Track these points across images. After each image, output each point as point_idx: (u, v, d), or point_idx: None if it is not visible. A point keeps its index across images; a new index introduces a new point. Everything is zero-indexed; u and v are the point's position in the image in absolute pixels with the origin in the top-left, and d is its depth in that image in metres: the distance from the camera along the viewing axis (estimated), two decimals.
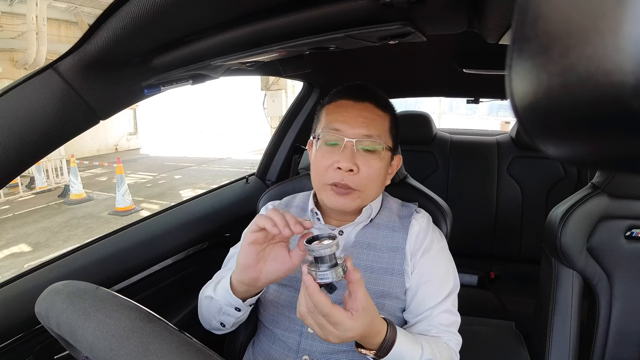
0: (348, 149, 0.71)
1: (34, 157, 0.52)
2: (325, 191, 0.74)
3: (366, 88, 0.78)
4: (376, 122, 0.74)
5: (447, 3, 0.45)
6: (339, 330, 0.54)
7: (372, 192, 0.75)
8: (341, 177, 0.71)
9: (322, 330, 0.55)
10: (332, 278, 0.53)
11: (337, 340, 0.55)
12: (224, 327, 0.74)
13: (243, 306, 0.69)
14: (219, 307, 0.70)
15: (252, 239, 0.60)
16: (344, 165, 0.70)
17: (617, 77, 0.10)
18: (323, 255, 0.53)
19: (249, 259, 0.61)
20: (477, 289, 1.69)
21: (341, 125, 0.72)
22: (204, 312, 0.75)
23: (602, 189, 0.95)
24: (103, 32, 0.47)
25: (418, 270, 0.74)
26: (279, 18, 0.48)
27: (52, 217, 5.91)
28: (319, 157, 0.75)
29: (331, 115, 0.75)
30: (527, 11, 0.13)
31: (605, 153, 0.13)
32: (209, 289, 0.74)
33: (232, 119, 16.86)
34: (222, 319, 0.72)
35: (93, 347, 0.38)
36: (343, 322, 0.54)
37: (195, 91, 19.18)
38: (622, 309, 0.95)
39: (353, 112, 0.73)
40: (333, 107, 0.76)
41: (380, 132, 0.74)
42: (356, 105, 0.74)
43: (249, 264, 0.62)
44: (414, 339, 0.64)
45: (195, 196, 1.28)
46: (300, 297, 0.57)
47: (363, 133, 0.72)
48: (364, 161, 0.72)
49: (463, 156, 1.95)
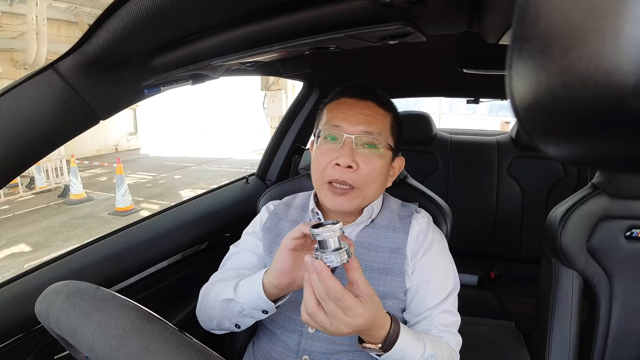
0: (347, 145, 0.71)
1: (34, 157, 0.52)
2: (324, 190, 0.74)
3: (368, 87, 0.78)
4: (377, 120, 0.74)
5: (447, 3, 0.45)
6: (350, 316, 0.53)
7: (371, 191, 0.74)
8: (340, 174, 0.71)
9: (333, 319, 0.54)
10: (337, 262, 0.53)
11: (348, 330, 0.54)
12: (237, 329, 0.73)
13: (273, 308, 0.67)
14: (239, 310, 0.69)
15: (292, 245, 0.60)
16: (343, 161, 0.70)
17: (617, 77, 0.10)
18: (328, 239, 0.54)
19: (288, 265, 0.62)
20: (477, 289, 1.69)
21: (342, 122, 0.72)
22: (216, 314, 0.73)
23: (602, 189, 0.95)
24: (103, 32, 0.47)
25: (418, 271, 0.74)
26: (278, 18, 0.48)
27: (52, 217, 5.91)
28: (318, 155, 0.74)
29: (332, 113, 0.75)
30: (527, 11, 0.13)
31: (605, 153, 0.13)
32: (225, 291, 0.71)
33: (232, 119, 16.86)
34: (241, 320, 0.71)
35: (93, 347, 0.38)
36: (355, 307, 0.53)
37: (195, 91, 19.19)
38: (622, 309, 0.95)
39: (354, 110, 0.73)
40: (334, 105, 0.76)
41: (381, 130, 0.74)
42: (357, 103, 0.74)
43: (286, 270, 0.62)
44: (416, 336, 0.64)
45: (195, 196, 1.28)
46: (306, 296, 0.55)
47: (363, 129, 0.72)
48: (364, 158, 0.71)
49: (463, 156, 1.95)
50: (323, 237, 0.54)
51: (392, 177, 0.80)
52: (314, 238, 0.55)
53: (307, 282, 0.55)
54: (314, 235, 0.55)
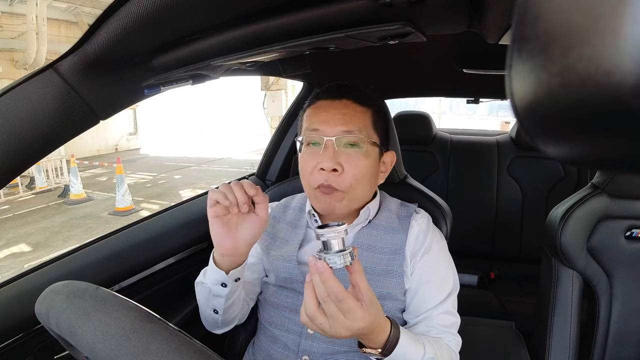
0: (329, 148, 0.70)
1: (34, 157, 0.52)
2: (313, 198, 0.74)
3: (344, 86, 0.76)
4: (356, 118, 0.72)
5: (447, 3, 0.45)
6: (350, 319, 0.53)
7: (360, 192, 0.73)
8: (325, 178, 0.70)
9: (333, 322, 0.53)
10: (340, 263, 0.53)
11: (347, 333, 0.54)
12: (217, 315, 0.74)
13: (228, 279, 0.69)
14: (208, 291, 0.71)
15: (212, 213, 0.65)
16: (327, 165, 0.69)
17: (617, 77, 0.10)
18: (332, 240, 0.53)
19: (219, 231, 0.66)
20: (477, 289, 1.69)
21: (320, 125, 0.71)
22: (201, 304, 0.76)
23: (602, 189, 0.95)
24: (103, 32, 0.47)
25: (418, 271, 0.74)
26: (278, 18, 0.48)
27: (52, 217, 5.91)
28: (302, 161, 0.74)
29: (310, 118, 0.74)
30: (527, 11, 0.13)
31: (605, 153, 0.13)
32: (200, 275, 0.75)
33: (232, 119, 16.86)
34: (214, 303, 0.72)
35: (93, 347, 0.38)
36: (355, 311, 0.53)
37: (195, 91, 19.19)
38: (622, 309, 0.95)
39: (331, 111, 0.72)
40: (312, 110, 0.75)
41: (362, 127, 0.72)
42: (333, 104, 0.73)
43: (221, 235, 0.66)
44: (416, 339, 0.64)
45: (195, 196, 1.28)
46: (306, 298, 0.55)
47: (342, 129, 0.70)
48: (348, 160, 0.70)
49: (463, 156, 1.95)
50: (327, 238, 0.54)
51: (384, 174, 0.79)
52: (318, 239, 0.55)
53: (309, 283, 0.54)
54: (318, 236, 0.54)
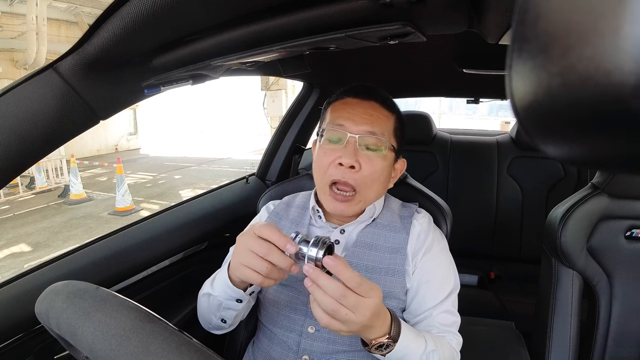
0: (351, 145, 0.71)
1: (34, 157, 0.52)
2: (325, 195, 0.74)
3: (373, 88, 0.78)
4: (381, 121, 0.74)
5: (447, 3, 0.45)
6: (372, 296, 0.54)
7: (372, 192, 0.74)
8: (342, 174, 0.71)
9: (357, 309, 0.53)
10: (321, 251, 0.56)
11: (370, 311, 0.54)
12: (224, 324, 0.73)
13: (244, 296, 0.68)
14: (218, 303, 0.70)
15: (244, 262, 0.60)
16: (346, 161, 0.70)
17: (617, 77, 0.10)
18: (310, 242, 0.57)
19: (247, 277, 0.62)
20: (477, 289, 1.69)
21: (345, 121, 0.72)
22: (203, 310, 0.75)
23: (602, 189, 0.95)
24: (103, 32, 0.47)
25: (419, 271, 0.74)
26: (278, 18, 0.48)
27: (52, 217, 5.91)
28: (321, 154, 0.74)
29: (336, 112, 0.75)
30: (527, 11, 0.13)
31: (605, 153, 0.13)
32: (206, 286, 0.74)
33: (232, 119, 16.86)
34: (223, 314, 0.72)
35: (93, 347, 0.38)
36: (371, 285, 0.54)
37: (195, 91, 19.19)
38: (622, 309, 0.95)
39: (358, 110, 0.73)
40: (339, 105, 0.76)
41: (385, 131, 0.74)
42: (362, 103, 0.74)
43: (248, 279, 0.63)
44: (415, 331, 0.64)
45: (195, 196, 1.28)
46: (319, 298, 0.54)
47: (367, 129, 0.72)
48: (367, 159, 0.71)
49: (463, 156, 1.95)
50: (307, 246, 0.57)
51: (393, 179, 0.80)
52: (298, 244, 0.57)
53: (314, 287, 0.54)
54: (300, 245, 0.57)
